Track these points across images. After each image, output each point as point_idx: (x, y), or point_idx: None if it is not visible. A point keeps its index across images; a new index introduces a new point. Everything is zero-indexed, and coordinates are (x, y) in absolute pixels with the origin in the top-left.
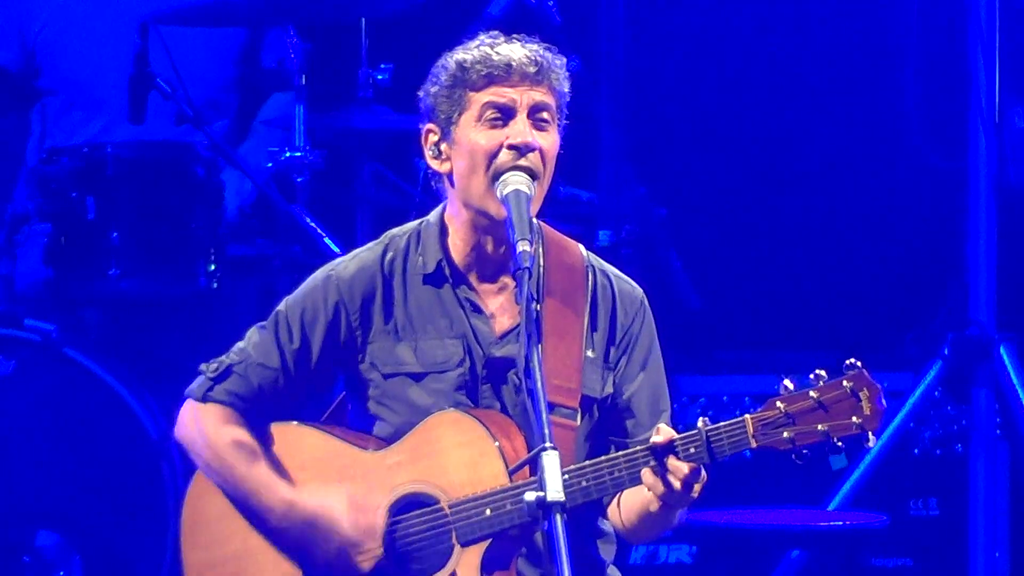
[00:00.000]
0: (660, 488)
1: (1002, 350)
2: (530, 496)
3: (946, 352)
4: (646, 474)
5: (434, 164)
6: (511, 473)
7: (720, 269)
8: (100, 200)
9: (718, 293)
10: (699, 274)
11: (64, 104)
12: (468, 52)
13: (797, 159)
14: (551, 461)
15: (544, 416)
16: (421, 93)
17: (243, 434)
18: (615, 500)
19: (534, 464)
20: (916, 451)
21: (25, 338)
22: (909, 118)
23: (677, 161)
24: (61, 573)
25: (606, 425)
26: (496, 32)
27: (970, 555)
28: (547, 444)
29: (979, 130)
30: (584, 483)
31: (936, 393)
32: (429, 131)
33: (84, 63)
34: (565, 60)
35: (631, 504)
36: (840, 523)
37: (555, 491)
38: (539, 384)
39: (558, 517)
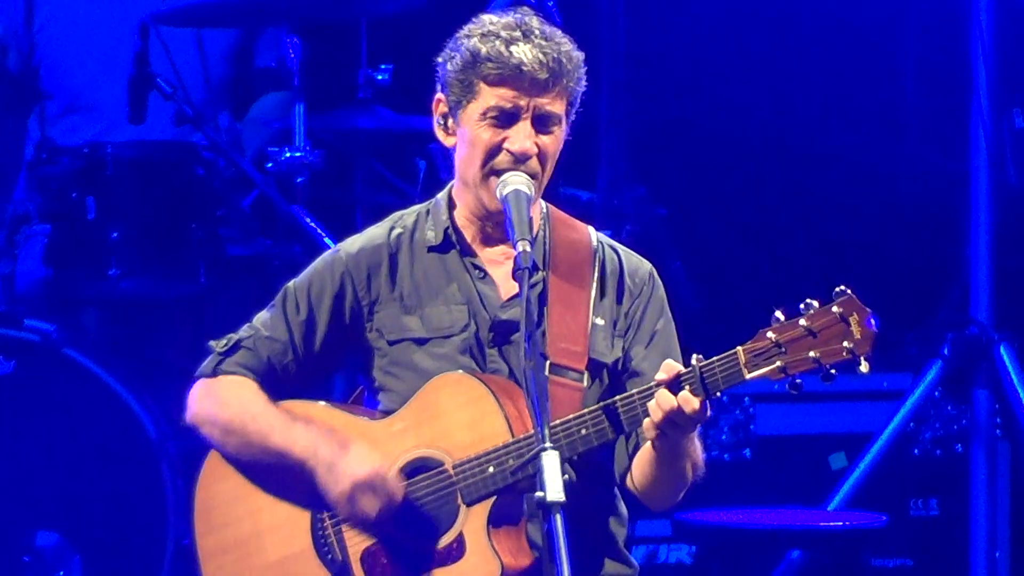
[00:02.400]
0: (660, 427)
1: (1002, 350)
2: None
3: (946, 352)
4: (647, 420)
5: (440, 135)
6: (515, 454)
7: (720, 269)
8: (100, 200)
9: (718, 293)
10: (699, 274)
11: (64, 104)
12: (484, 42)
13: (797, 159)
14: (551, 461)
15: (544, 416)
16: (440, 59)
17: (256, 392)
18: (629, 469)
19: (535, 458)
20: (916, 451)
21: (25, 338)
22: (909, 118)
23: (677, 161)
24: (61, 573)
25: (617, 391)
26: (520, 17)
27: (970, 555)
28: (547, 444)
29: (979, 130)
30: (584, 431)
31: (936, 393)
32: (439, 101)
33: (84, 63)
34: (583, 56)
35: (642, 463)
36: (840, 523)
37: (555, 491)
38: (539, 385)
39: (558, 517)
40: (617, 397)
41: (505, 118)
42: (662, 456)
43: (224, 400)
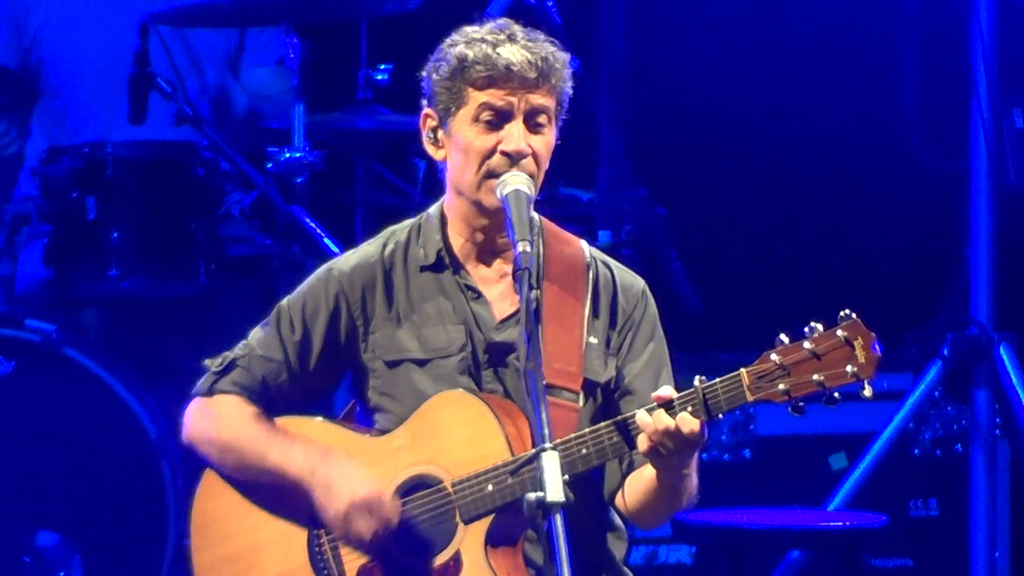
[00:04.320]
0: (658, 448)
1: (1002, 350)
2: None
3: (946, 352)
4: (643, 439)
5: (430, 150)
6: (513, 472)
7: (720, 269)
8: (100, 200)
9: (718, 293)
10: (699, 274)
11: (64, 104)
12: (470, 47)
13: (797, 159)
14: (551, 461)
15: (544, 416)
16: (423, 73)
17: (253, 411)
18: (620, 488)
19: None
20: (916, 451)
21: (25, 338)
22: (909, 118)
23: (677, 161)
24: (61, 573)
25: (611, 409)
26: (503, 23)
27: (970, 555)
28: (547, 444)
29: (979, 130)
30: (584, 450)
31: (936, 393)
32: (427, 116)
33: (84, 63)
34: (568, 57)
35: (636, 484)
36: (840, 523)
37: (555, 491)
38: (539, 385)
39: (558, 517)
40: (619, 417)
41: (498, 118)
42: (661, 481)
43: (220, 420)
